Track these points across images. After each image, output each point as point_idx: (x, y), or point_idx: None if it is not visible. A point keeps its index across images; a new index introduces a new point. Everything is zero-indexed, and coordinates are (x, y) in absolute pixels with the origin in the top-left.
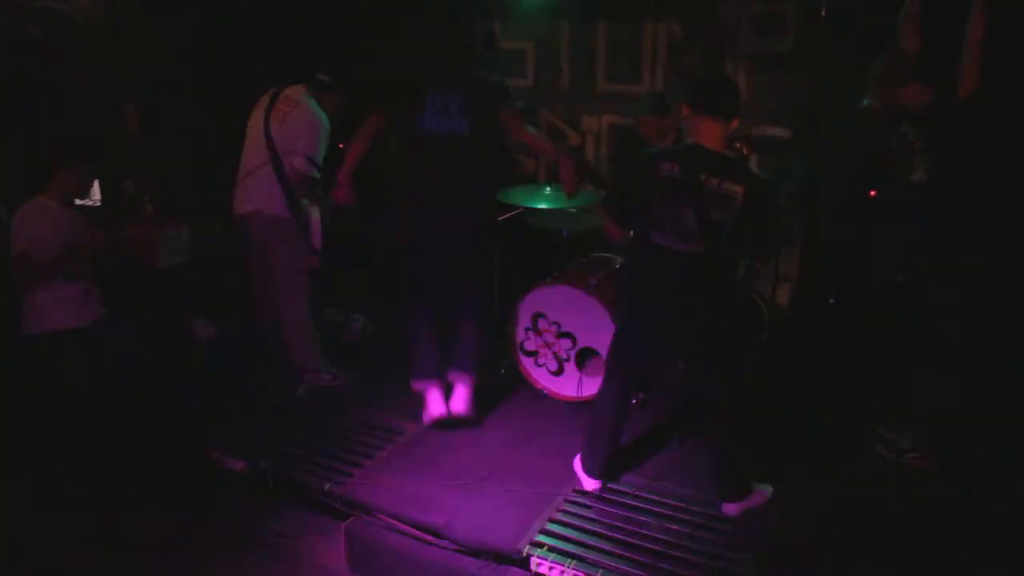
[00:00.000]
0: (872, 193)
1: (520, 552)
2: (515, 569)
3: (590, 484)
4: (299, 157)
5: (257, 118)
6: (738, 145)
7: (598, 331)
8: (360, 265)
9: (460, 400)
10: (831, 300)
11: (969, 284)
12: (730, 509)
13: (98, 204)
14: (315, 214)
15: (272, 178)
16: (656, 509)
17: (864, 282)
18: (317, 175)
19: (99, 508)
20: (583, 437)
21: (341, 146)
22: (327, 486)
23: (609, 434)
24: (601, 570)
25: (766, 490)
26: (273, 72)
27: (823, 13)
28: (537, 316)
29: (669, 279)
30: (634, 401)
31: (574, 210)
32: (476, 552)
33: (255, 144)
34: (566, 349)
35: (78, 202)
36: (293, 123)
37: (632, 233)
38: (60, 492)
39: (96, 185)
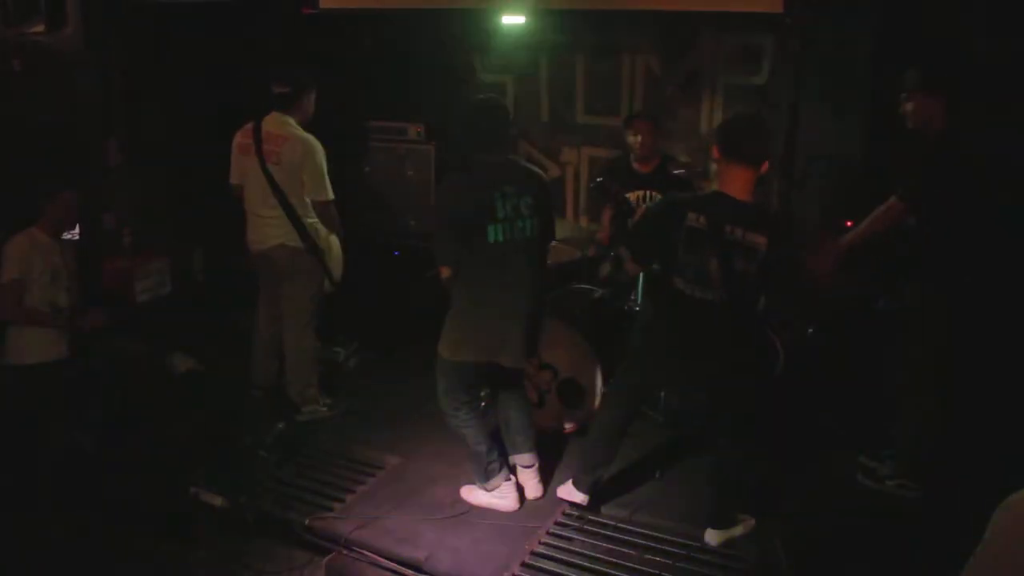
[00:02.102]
0: (848, 223)
1: None
2: None
3: (578, 497)
4: (314, 192)
5: (251, 163)
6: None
7: (579, 363)
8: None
9: (534, 485)
10: (810, 330)
11: (951, 320)
12: (711, 537)
13: (77, 237)
14: (335, 243)
15: (287, 221)
16: (637, 541)
17: (843, 310)
18: (333, 197)
19: (72, 545)
20: (581, 453)
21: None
22: (307, 521)
23: (606, 453)
24: None
25: (749, 521)
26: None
27: (797, 46)
28: None
29: (689, 323)
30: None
31: None
32: None
33: (260, 190)
34: (547, 381)
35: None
36: (288, 162)
37: (654, 275)
38: (34, 528)
39: None
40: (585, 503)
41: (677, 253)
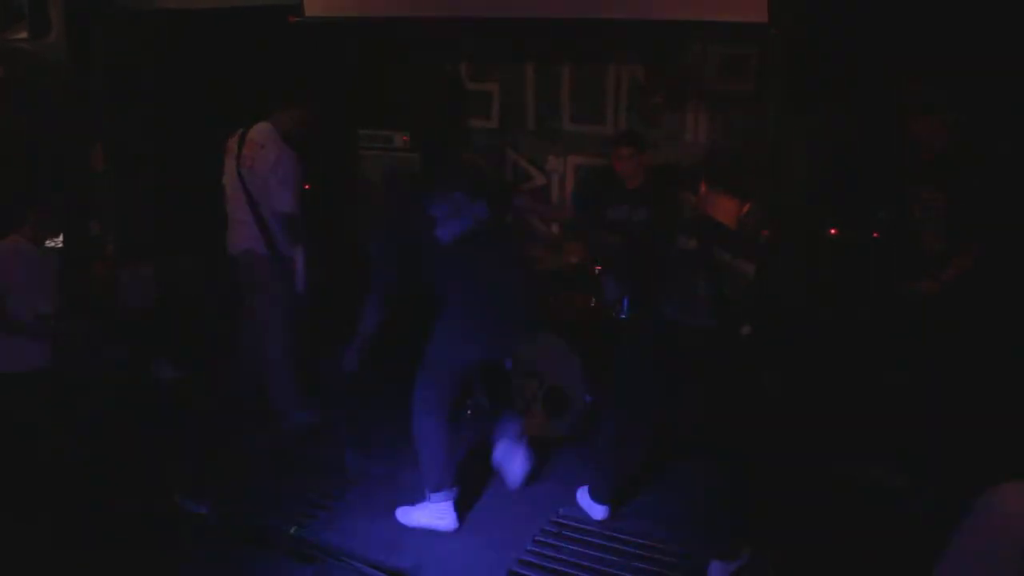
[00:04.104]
0: (832, 231)
1: None
2: None
3: (598, 512)
4: (278, 202)
5: (231, 166)
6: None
7: (565, 371)
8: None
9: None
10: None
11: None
12: (717, 570)
13: (61, 244)
14: (297, 253)
15: (256, 226)
16: (625, 548)
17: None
18: (296, 211)
19: (55, 554)
20: (591, 469)
21: (308, 187)
22: (293, 530)
23: (615, 466)
24: None
25: (750, 551)
26: (235, 111)
27: (783, 56)
28: None
29: (675, 348)
30: None
31: None
32: None
33: (235, 193)
34: (533, 389)
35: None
36: (260, 168)
37: (639, 298)
38: (16, 536)
39: None
40: (605, 516)
41: (664, 276)
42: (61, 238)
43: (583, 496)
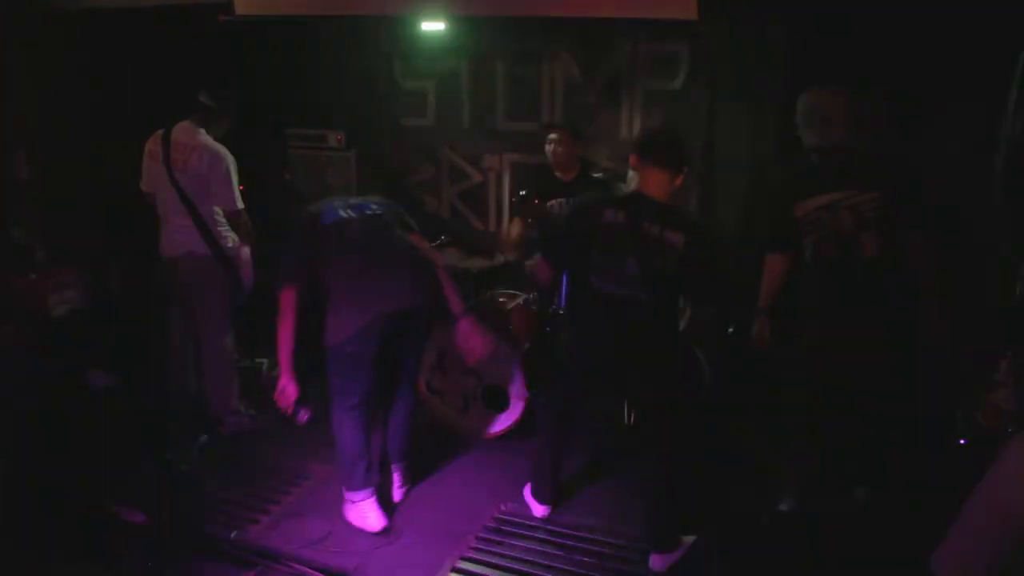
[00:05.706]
0: None
1: None
2: None
3: (539, 511)
4: (222, 202)
5: (160, 171)
6: None
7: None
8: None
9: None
10: (730, 330)
11: None
12: (657, 562)
13: None
14: (245, 252)
15: (196, 229)
16: (566, 541)
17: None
18: (242, 207)
19: None
20: (530, 466)
21: (242, 188)
22: (233, 535)
23: (553, 463)
24: None
25: (688, 540)
26: (157, 108)
27: (712, 52)
28: (443, 354)
29: (609, 324)
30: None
31: None
32: None
33: (168, 196)
34: (472, 385)
35: None
36: (196, 170)
37: (570, 278)
38: None
39: None
40: (546, 515)
41: (593, 251)
42: None
43: (527, 493)
